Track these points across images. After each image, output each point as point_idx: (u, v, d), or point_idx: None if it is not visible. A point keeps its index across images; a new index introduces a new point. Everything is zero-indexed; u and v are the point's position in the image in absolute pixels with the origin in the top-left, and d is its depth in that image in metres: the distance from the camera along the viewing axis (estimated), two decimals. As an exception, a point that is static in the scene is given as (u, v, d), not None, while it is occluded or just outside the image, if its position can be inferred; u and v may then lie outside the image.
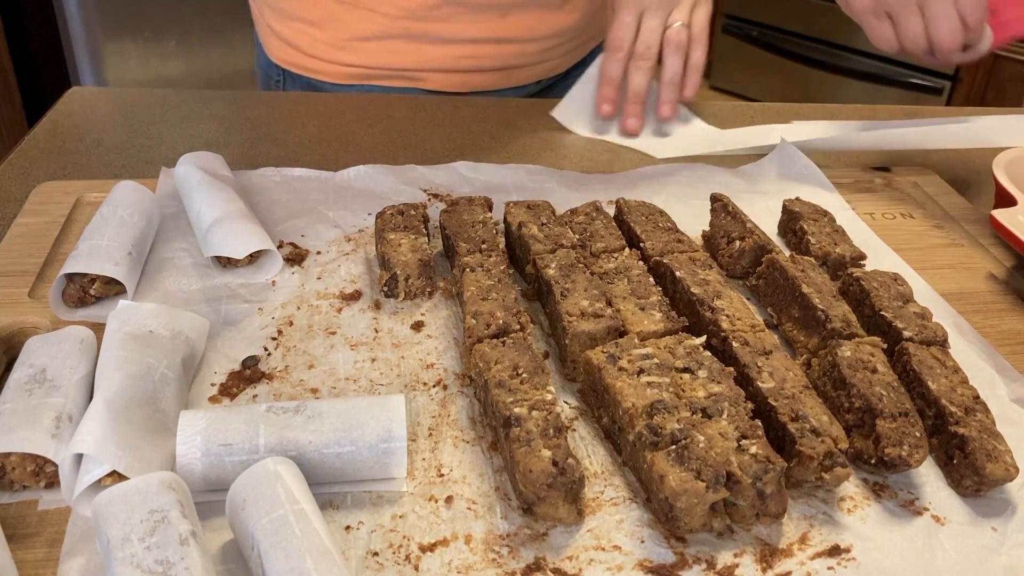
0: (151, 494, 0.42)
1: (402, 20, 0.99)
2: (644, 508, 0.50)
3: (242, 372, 0.58)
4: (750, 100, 2.16)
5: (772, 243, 0.70)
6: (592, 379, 0.55)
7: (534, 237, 0.67)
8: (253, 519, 0.43)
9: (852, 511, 0.50)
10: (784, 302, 0.65)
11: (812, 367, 0.59)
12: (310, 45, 1.03)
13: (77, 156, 0.86)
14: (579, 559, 0.46)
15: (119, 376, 0.50)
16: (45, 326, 0.60)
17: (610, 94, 0.97)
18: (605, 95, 0.97)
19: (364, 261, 0.70)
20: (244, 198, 0.72)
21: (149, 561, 0.40)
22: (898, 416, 0.52)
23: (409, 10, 0.98)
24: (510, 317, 0.58)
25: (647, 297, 0.62)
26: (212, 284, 0.66)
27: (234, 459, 0.47)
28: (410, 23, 0.99)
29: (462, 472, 0.51)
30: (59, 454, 0.47)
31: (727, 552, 0.47)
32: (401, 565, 0.46)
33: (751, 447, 0.48)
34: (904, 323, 0.60)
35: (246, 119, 0.95)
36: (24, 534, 0.46)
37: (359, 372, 0.59)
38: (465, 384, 0.58)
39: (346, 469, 0.49)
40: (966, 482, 0.52)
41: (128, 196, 0.69)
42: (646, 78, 0.96)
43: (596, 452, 0.53)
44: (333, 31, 1.01)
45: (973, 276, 0.74)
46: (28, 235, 0.70)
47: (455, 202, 0.73)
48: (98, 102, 0.97)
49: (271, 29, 1.06)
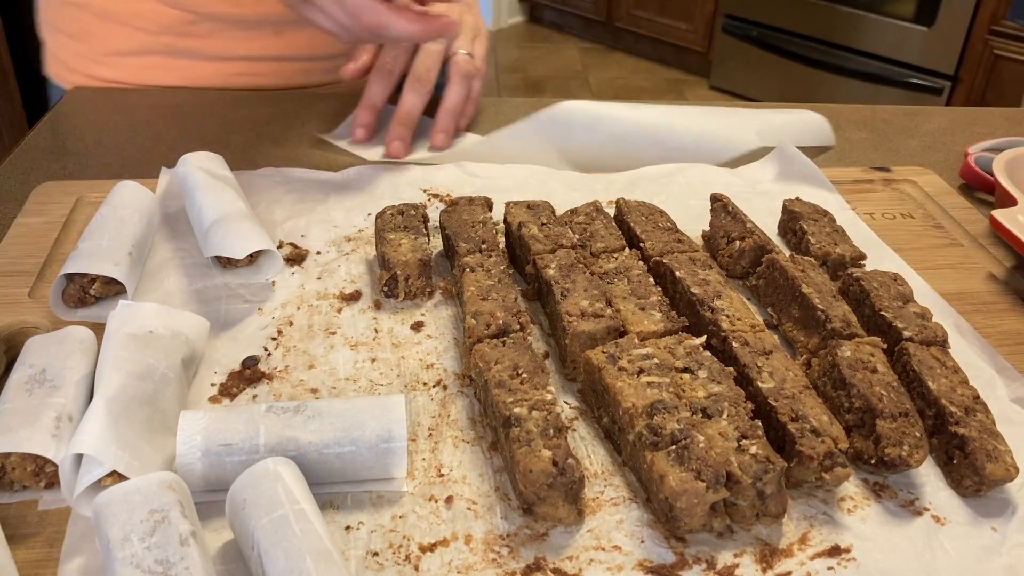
0: (151, 494, 0.42)
1: (162, 36, 0.96)
2: (644, 508, 0.50)
3: (242, 372, 0.58)
4: (750, 100, 2.16)
5: (772, 243, 0.70)
6: (592, 379, 0.55)
7: (534, 237, 0.67)
8: (253, 519, 0.43)
9: (852, 511, 0.50)
10: (784, 302, 0.65)
11: (812, 367, 0.59)
12: (72, 58, 1.00)
13: (77, 156, 0.86)
14: (579, 559, 0.46)
15: (119, 376, 0.50)
16: (45, 326, 0.60)
17: (367, 118, 0.89)
18: (361, 119, 0.89)
19: (364, 261, 0.70)
20: (244, 198, 0.72)
21: (149, 561, 0.40)
22: (898, 416, 0.52)
23: (165, 26, 0.95)
24: (510, 317, 0.58)
25: (647, 297, 0.62)
26: (212, 284, 0.66)
27: (234, 459, 0.47)
28: (171, 39, 0.96)
29: (462, 472, 0.51)
30: (59, 454, 0.47)
31: (727, 552, 0.47)
32: (401, 565, 0.46)
33: (751, 447, 0.48)
34: (904, 323, 0.60)
35: (246, 119, 0.95)
36: (24, 534, 0.46)
37: (359, 372, 0.59)
38: (465, 384, 0.58)
39: (346, 469, 0.49)
40: (966, 482, 0.52)
41: (128, 196, 0.69)
42: (422, 102, 0.88)
43: (596, 452, 0.53)
44: (92, 44, 0.98)
45: (973, 276, 0.74)
46: (28, 235, 0.70)
47: (455, 202, 0.73)
48: (98, 102, 0.97)
49: (43, 40, 1.02)
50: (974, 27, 2.92)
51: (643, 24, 4.13)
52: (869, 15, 3.18)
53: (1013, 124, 1.06)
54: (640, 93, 3.91)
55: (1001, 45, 2.87)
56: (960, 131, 1.04)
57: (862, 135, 1.01)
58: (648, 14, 4.08)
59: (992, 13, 2.86)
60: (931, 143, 1.00)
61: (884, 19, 3.14)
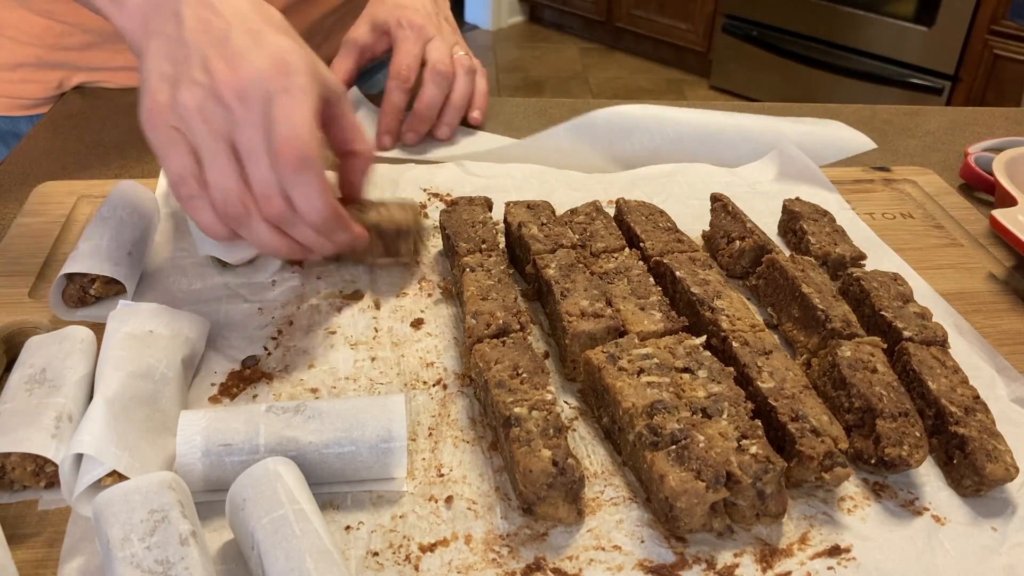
0: (151, 494, 0.42)
1: (34, 48, 0.92)
2: (644, 508, 0.50)
3: (242, 372, 0.58)
4: (750, 100, 2.16)
5: (772, 243, 0.70)
6: (592, 379, 0.55)
7: (534, 237, 0.67)
8: (253, 519, 0.43)
9: (852, 511, 0.50)
10: (784, 302, 0.65)
11: (812, 367, 0.59)
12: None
13: (77, 156, 0.86)
14: (579, 559, 0.46)
15: (119, 376, 0.50)
16: (45, 326, 0.60)
17: (392, 125, 0.89)
18: (388, 126, 0.89)
19: (364, 261, 0.70)
20: None
21: (149, 561, 0.40)
22: (898, 416, 0.52)
23: (36, 36, 0.91)
24: (510, 317, 0.58)
25: (647, 297, 0.62)
26: (212, 284, 0.66)
27: (234, 459, 0.47)
28: (44, 52, 0.92)
29: (462, 472, 0.51)
30: (59, 454, 0.47)
31: (727, 552, 0.47)
32: (401, 565, 0.46)
33: (751, 447, 0.48)
34: (904, 323, 0.60)
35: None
36: (24, 534, 0.46)
37: (359, 371, 0.59)
38: (465, 384, 0.58)
39: (346, 469, 0.49)
40: (966, 482, 0.52)
41: (128, 196, 0.69)
42: (442, 95, 0.90)
43: (596, 452, 0.53)
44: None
45: (973, 276, 0.74)
46: (28, 235, 0.70)
47: (455, 202, 0.73)
48: (98, 102, 0.97)
49: None
50: (974, 27, 2.92)
51: (643, 24, 4.13)
52: (869, 15, 3.18)
53: (1013, 124, 1.06)
54: (640, 93, 3.91)
55: (1001, 45, 2.87)
56: (960, 131, 1.04)
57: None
58: (648, 14, 4.08)
59: (992, 13, 2.86)
60: (931, 143, 1.00)
61: (884, 19, 3.14)
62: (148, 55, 0.56)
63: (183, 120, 0.54)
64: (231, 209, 0.55)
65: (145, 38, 0.57)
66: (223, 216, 0.56)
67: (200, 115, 0.53)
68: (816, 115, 1.04)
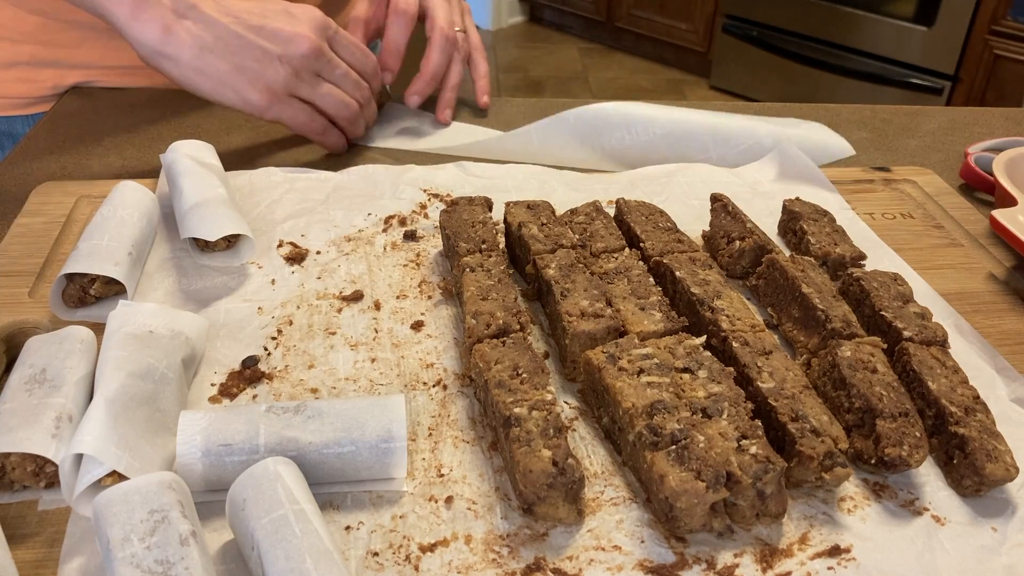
0: (151, 494, 0.42)
1: (28, 46, 0.92)
2: (644, 508, 0.50)
3: (242, 372, 0.58)
4: (750, 100, 2.16)
5: (772, 243, 0.70)
6: (592, 379, 0.55)
7: (534, 237, 0.67)
8: (253, 519, 0.43)
9: (852, 511, 0.50)
10: (784, 302, 0.65)
11: (812, 367, 0.59)
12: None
13: (77, 156, 0.86)
14: (579, 559, 0.46)
15: (119, 376, 0.50)
16: (45, 326, 0.60)
17: (393, 63, 0.92)
18: (387, 62, 0.92)
19: (364, 261, 0.70)
20: (228, 186, 0.73)
21: (149, 561, 0.40)
22: (898, 416, 0.52)
23: (30, 34, 0.91)
24: (510, 317, 0.58)
25: (647, 297, 0.62)
26: (212, 284, 0.66)
27: (234, 459, 0.47)
28: (39, 50, 0.92)
29: (462, 472, 0.51)
30: (59, 454, 0.47)
31: (727, 552, 0.47)
32: (401, 565, 0.46)
33: (751, 447, 0.48)
34: (904, 323, 0.60)
35: (246, 119, 0.95)
36: (24, 534, 0.46)
37: (359, 372, 0.59)
38: (465, 384, 0.58)
39: (346, 469, 0.49)
40: (966, 482, 0.52)
41: (128, 196, 0.69)
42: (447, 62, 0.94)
43: (596, 452, 0.53)
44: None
45: (973, 276, 0.74)
46: (28, 235, 0.70)
47: (455, 202, 0.73)
48: (98, 102, 0.97)
49: None
50: (974, 27, 2.92)
51: (643, 24, 4.13)
52: (869, 15, 3.18)
53: (1013, 124, 1.06)
54: (640, 93, 3.91)
55: (1001, 45, 2.87)
56: (960, 131, 1.04)
57: (862, 135, 1.01)
58: (648, 14, 4.08)
59: (992, 13, 2.86)
60: (931, 143, 1.00)
61: (884, 19, 3.14)
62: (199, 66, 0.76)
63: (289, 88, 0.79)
64: (343, 111, 0.83)
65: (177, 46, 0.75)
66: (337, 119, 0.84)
67: (297, 77, 0.78)
68: (816, 115, 1.04)
